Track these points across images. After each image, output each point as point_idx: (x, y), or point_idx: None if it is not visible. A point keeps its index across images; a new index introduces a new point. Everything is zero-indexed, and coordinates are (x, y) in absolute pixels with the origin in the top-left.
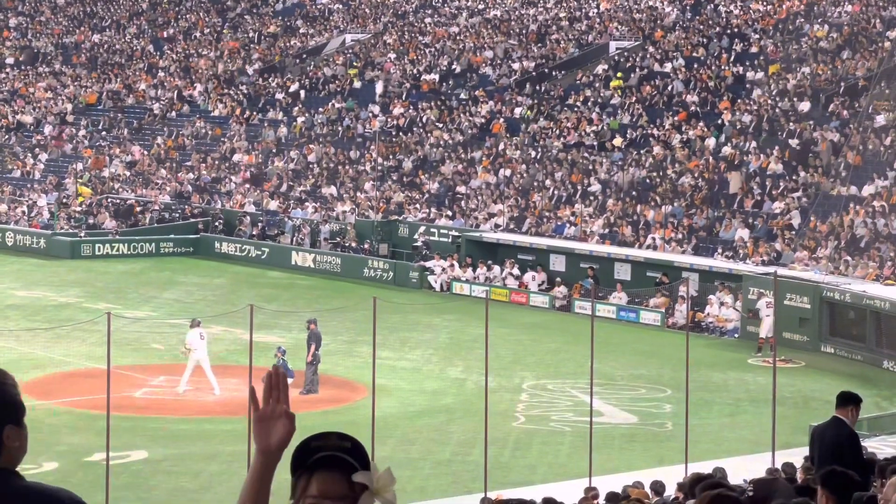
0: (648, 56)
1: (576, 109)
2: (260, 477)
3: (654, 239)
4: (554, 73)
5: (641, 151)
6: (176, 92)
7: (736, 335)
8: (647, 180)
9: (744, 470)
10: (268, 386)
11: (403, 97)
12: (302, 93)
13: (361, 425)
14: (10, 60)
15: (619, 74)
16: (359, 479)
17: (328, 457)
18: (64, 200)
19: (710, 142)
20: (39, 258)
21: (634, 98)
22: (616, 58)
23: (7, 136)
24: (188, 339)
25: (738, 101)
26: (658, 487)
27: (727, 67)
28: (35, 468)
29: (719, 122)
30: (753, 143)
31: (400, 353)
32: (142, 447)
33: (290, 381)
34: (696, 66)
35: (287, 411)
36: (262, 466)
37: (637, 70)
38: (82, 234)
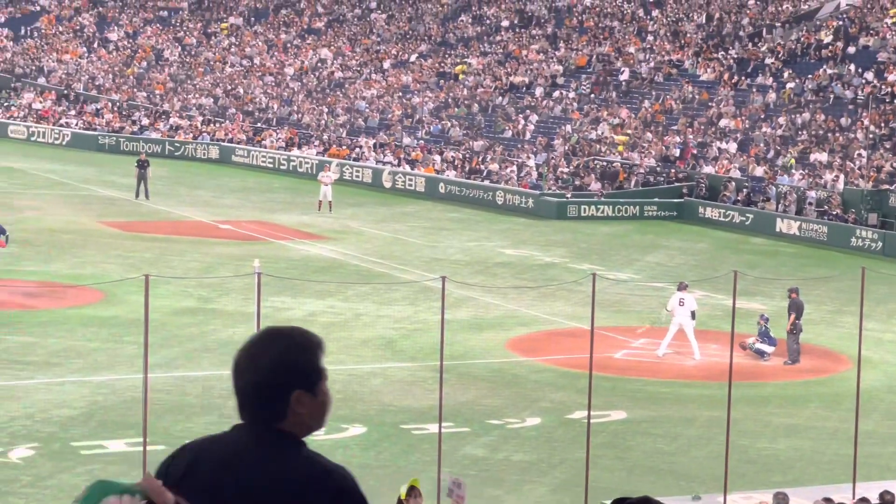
0: None
1: None
2: None
3: None
4: None
5: None
6: (664, 55)
7: None
8: None
9: None
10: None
11: None
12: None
13: (844, 397)
14: (505, 23)
15: None
16: None
17: None
18: (552, 161)
19: None
20: (527, 217)
21: None
22: None
23: (500, 98)
24: (670, 302)
25: None
26: None
27: None
28: (519, 423)
29: None
30: None
31: (886, 326)
32: (621, 407)
33: (771, 349)
34: None
35: None
36: None
37: None
38: (569, 196)
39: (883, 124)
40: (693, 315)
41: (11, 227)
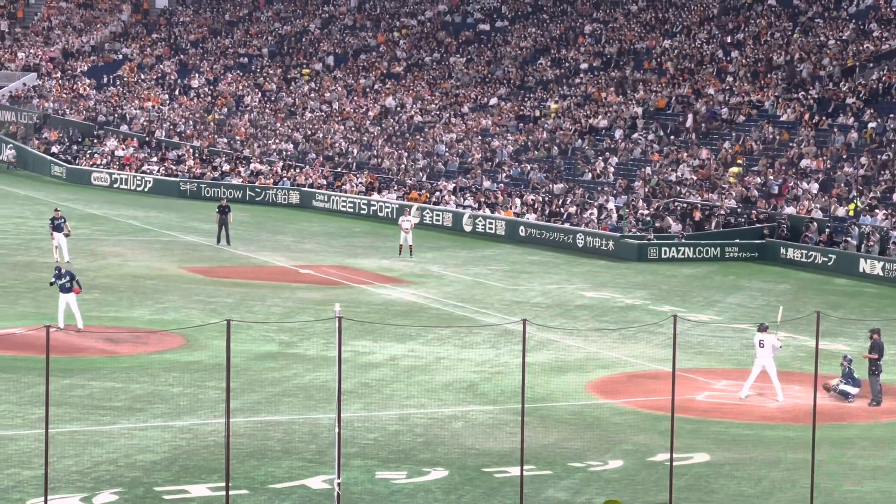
0: None
1: None
2: None
3: None
4: None
5: None
6: (744, 96)
7: None
8: None
9: None
10: None
11: None
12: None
13: None
14: (584, 66)
15: None
16: None
17: None
18: (633, 203)
19: None
20: (607, 260)
21: None
22: None
23: (579, 140)
24: (767, 338)
25: None
26: None
27: None
28: (601, 465)
29: None
30: None
31: None
32: (703, 450)
33: (856, 390)
34: None
35: None
36: None
37: None
38: (650, 238)
39: None
40: (774, 351)
41: (95, 274)
